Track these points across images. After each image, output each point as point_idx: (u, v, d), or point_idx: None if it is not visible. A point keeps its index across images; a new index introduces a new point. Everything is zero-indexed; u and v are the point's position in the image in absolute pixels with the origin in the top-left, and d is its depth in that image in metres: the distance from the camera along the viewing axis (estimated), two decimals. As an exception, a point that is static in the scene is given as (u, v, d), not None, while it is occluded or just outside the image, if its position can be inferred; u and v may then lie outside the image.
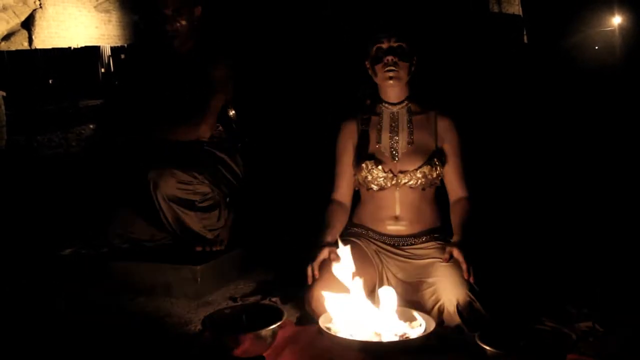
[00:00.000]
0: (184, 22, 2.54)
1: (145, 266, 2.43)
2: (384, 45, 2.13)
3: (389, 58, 2.11)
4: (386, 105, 2.20)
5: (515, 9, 19.53)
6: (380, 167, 2.11)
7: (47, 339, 2.00)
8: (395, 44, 2.12)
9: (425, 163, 2.11)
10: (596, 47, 19.86)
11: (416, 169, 2.10)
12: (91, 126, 8.73)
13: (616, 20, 21.90)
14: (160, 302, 2.31)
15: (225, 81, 2.55)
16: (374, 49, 2.15)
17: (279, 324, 1.73)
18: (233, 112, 2.61)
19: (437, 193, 2.20)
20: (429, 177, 2.11)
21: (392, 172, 2.11)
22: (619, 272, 2.47)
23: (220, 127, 2.59)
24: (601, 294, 2.22)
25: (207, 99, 2.46)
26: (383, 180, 2.11)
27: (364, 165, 2.12)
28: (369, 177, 2.12)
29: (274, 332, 1.73)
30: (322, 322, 1.76)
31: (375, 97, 2.23)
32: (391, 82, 2.13)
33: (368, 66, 2.19)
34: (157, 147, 2.46)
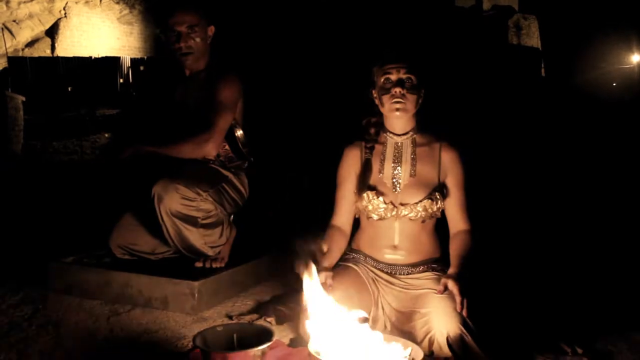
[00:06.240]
0: (197, 40, 2.60)
1: (144, 278, 2.45)
2: (393, 77, 2.12)
3: (397, 90, 2.09)
4: (391, 135, 2.20)
5: (534, 41, 19.57)
6: (381, 198, 2.11)
7: (40, 342, 2.02)
8: (404, 76, 2.11)
9: (427, 197, 2.10)
10: (614, 84, 19.85)
11: (417, 203, 2.10)
12: (106, 135, 8.85)
13: (635, 58, 21.91)
14: (156, 315, 2.33)
15: (234, 101, 2.58)
16: (382, 79, 2.14)
17: (268, 344, 1.73)
18: (240, 132, 2.64)
19: (438, 223, 2.20)
20: (429, 210, 2.11)
21: (392, 203, 2.12)
22: (614, 310, 2.46)
23: (227, 146, 2.62)
24: (595, 331, 2.21)
25: (215, 119, 2.49)
26: (383, 211, 2.11)
27: (365, 195, 2.12)
28: (370, 207, 2.12)
29: (263, 353, 1.73)
30: (312, 347, 1.77)
31: (380, 126, 2.23)
32: (398, 114, 2.13)
33: (375, 95, 2.19)
34: (163, 161, 2.49)
